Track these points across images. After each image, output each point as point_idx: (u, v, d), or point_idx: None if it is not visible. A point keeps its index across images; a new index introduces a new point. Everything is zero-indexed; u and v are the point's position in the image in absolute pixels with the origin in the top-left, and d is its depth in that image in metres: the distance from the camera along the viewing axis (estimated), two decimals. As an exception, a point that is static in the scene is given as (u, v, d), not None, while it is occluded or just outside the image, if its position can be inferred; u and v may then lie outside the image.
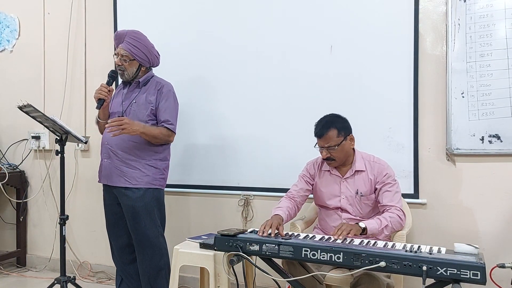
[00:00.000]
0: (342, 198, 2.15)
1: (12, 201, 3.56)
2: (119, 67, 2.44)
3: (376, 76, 2.52)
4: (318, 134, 2.10)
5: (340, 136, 2.08)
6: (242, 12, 2.85)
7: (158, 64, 2.57)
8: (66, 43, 3.40)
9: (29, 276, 3.36)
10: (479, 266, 1.48)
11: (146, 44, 2.45)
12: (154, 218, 2.44)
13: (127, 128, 2.25)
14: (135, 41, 2.41)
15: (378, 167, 2.13)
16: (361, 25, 2.55)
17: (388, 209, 2.05)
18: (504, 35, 2.26)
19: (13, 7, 3.61)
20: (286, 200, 2.21)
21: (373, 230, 1.93)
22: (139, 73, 2.47)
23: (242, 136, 2.86)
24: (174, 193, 3.04)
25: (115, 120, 2.25)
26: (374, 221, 1.97)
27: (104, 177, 2.48)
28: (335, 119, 2.13)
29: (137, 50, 2.41)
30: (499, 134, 2.27)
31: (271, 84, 2.78)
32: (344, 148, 2.11)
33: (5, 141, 3.62)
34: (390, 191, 2.08)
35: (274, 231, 1.90)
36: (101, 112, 2.48)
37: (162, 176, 2.49)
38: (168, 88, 2.48)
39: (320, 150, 2.13)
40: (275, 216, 2.06)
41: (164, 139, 2.43)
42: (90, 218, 3.36)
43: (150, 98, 2.44)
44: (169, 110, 2.44)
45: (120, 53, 2.41)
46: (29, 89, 3.54)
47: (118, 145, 2.41)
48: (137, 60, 2.43)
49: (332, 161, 2.13)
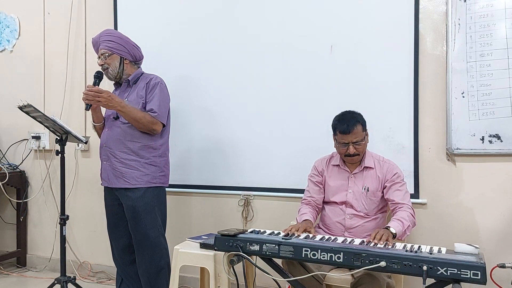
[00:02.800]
0: (349, 193, 2.16)
1: (12, 201, 3.56)
2: (102, 67, 2.45)
3: (376, 76, 2.52)
4: (346, 130, 2.08)
5: (364, 130, 2.13)
6: (241, 11, 2.85)
7: (141, 56, 2.55)
8: (66, 43, 3.40)
9: (29, 276, 3.36)
10: (479, 266, 1.48)
11: (120, 36, 2.47)
12: (155, 217, 2.43)
13: (102, 101, 2.25)
14: (108, 37, 2.44)
15: (388, 166, 2.15)
16: (361, 25, 2.55)
17: (401, 207, 2.06)
18: (504, 35, 2.25)
19: (13, 7, 3.61)
20: (305, 207, 2.23)
21: (399, 233, 1.94)
22: (123, 67, 2.46)
23: (242, 136, 2.86)
24: (174, 193, 3.04)
25: (93, 89, 2.26)
26: (398, 224, 1.96)
27: (104, 179, 2.48)
28: (356, 115, 2.15)
29: (113, 43, 2.42)
30: (499, 134, 2.27)
31: (271, 84, 2.77)
32: (366, 143, 2.15)
33: (5, 141, 3.63)
34: (401, 190, 2.10)
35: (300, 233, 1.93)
36: (94, 115, 2.47)
37: (162, 174, 2.48)
38: (156, 81, 2.46)
39: (343, 147, 2.12)
40: (304, 221, 2.09)
41: (148, 125, 2.36)
42: (90, 218, 3.36)
43: (140, 93, 2.43)
44: (154, 100, 2.41)
45: (100, 54, 2.44)
46: (29, 89, 3.54)
47: (116, 146, 2.41)
48: (117, 53, 2.43)
49: (356, 156, 2.13)
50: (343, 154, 2.14)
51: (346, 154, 2.12)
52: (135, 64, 2.52)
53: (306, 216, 2.14)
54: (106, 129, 2.48)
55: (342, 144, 2.11)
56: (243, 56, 2.85)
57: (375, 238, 1.82)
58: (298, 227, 1.99)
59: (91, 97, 2.24)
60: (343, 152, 2.13)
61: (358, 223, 2.12)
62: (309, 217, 2.14)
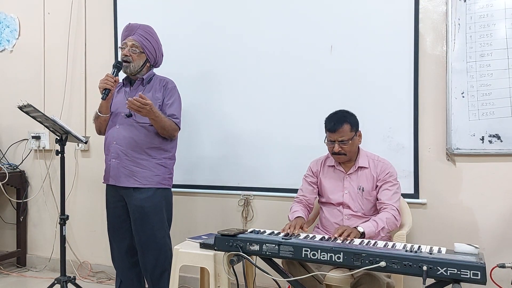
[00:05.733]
0: (345, 194, 2.17)
1: (12, 201, 3.56)
2: (125, 58, 2.38)
3: (376, 76, 2.52)
4: (332, 128, 2.11)
5: (353, 131, 2.13)
6: (243, 9, 2.85)
7: (160, 64, 2.56)
8: (66, 43, 3.40)
9: (29, 276, 3.36)
10: (479, 266, 1.48)
11: (157, 40, 2.46)
12: (163, 218, 2.42)
13: (144, 112, 2.21)
14: (147, 35, 2.41)
15: (382, 165, 2.16)
16: (361, 25, 2.55)
17: (385, 207, 2.06)
18: (504, 35, 2.25)
19: (13, 7, 3.61)
20: (296, 205, 2.25)
21: (370, 234, 1.94)
22: (144, 68, 2.45)
23: (242, 136, 2.86)
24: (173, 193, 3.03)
25: (140, 100, 2.16)
26: (371, 224, 1.98)
27: (112, 177, 2.41)
28: (347, 114, 2.16)
29: (148, 43, 2.41)
30: (499, 134, 2.27)
31: (271, 84, 2.77)
32: (354, 143, 2.14)
33: (5, 141, 3.62)
34: (390, 190, 2.10)
35: (298, 231, 1.95)
36: (105, 105, 2.40)
37: (170, 176, 2.49)
38: (172, 85, 2.48)
39: (330, 145, 2.14)
40: (297, 218, 2.10)
41: (171, 132, 2.40)
42: (90, 218, 3.36)
43: (157, 94, 2.42)
44: (174, 105, 2.43)
45: (130, 44, 2.39)
46: (29, 89, 3.54)
47: (128, 144, 2.36)
48: (146, 54, 2.42)
49: (342, 155, 2.14)
50: (331, 152, 2.17)
51: (332, 152, 2.15)
52: (151, 67, 2.52)
53: (298, 214, 2.16)
54: (116, 126, 2.41)
55: (330, 141, 2.14)
56: (242, 57, 2.85)
57: (336, 233, 1.85)
58: (294, 224, 2.00)
59: (135, 106, 2.16)
60: (330, 150, 2.16)
61: (356, 223, 2.11)
62: (301, 214, 2.16)
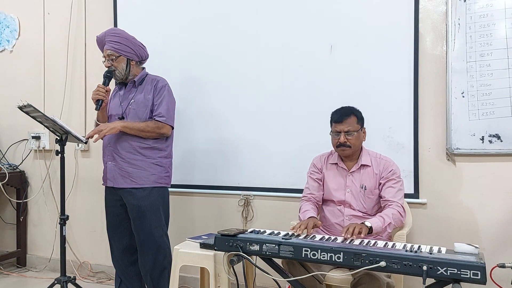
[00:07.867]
0: (347, 192, 2.16)
1: (12, 201, 3.56)
2: (110, 69, 2.43)
3: (376, 75, 2.52)
4: (339, 119, 2.12)
5: (359, 124, 2.13)
6: (241, 12, 2.85)
7: (147, 56, 2.55)
8: (66, 43, 3.40)
9: (29, 276, 3.36)
10: (479, 266, 1.48)
11: (127, 37, 2.45)
12: (160, 217, 2.44)
13: (104, 130, 2.30)
14: (115, 37, 2.42)
15: (384, 163, 2.16)
16: (361, 25, 2.55)
17: (390, 204, 2.06)
18: (504, 35, 2.25)
19: (13, 7, 3.61)
20: (306, 203, 2.23)
21: (377, 229, 1.94)
22: (130, 68, 2.46)
23: (242, 136, 2.86)
24: (174, 193, 3.03)
25: (92, 131, 2.33)
26: (377, 220, 1.97)
27: (109, 179, 2.46)
28: (354, 109, 2.17)
29: (120, 45, 2.41)
30: (499, 134, 2.27)
31: (271, 84, 2.77)
32: (359, 137, 2.15)
33: (5, 141, 3.62)
34: (394, 187, 2.10)
35: (309, 231, 1.93)
36: (100, 114, 2.48)
37: (167, 174, 2.50)
38: (162, 83, 2.48)
39: (335, 137, 2.14)
40: (311, 218, 2.07)
41: (154, 131, 2.39)
42: (90, 218, 3.36)
43: (148, 96, 2.44)
44: (162, 103, 2.43)
45: (106, 55, 2.43)
46: (29, 89, 3.54)
47: (122, 147, 2.41)
48: (123, 55, 2.42)
49: (347, 148, 2.13)
50: (335, 145, 2.15)
51: (337, 144, 2.13)
52: (140, 64, 2.53)
53: (309, 213, 2.13)
54: None
55: (335, 133, 2.14)
56: (243, 56, 2.85)
57: (347, 233, 1.83)
58: (306, 223, 1.97)
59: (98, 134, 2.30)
60: (335, 142, 2.14)
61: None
62: (313, 213, 2.13)
